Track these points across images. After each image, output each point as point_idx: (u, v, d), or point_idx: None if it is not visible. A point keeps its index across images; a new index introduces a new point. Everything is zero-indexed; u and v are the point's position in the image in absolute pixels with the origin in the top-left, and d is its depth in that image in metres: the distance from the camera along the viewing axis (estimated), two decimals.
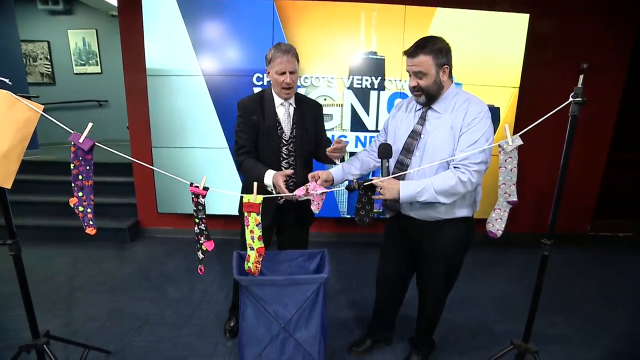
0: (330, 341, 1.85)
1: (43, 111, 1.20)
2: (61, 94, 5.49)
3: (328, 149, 1.58)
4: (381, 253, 1.79)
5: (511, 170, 1.30)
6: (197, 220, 1.33)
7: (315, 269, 1.81)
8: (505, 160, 1.29)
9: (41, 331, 1.40)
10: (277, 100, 1.69)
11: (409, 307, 1.90)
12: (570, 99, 1.19)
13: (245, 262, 1.42)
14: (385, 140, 1.61)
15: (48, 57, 5.54)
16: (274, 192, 1.60)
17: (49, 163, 3.92)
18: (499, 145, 1.27)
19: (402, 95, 2.94)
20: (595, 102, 3.07)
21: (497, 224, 1.38)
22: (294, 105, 1.71)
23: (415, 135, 1.45)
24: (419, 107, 1.48)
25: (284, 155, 1.73)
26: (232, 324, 2.00)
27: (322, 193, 1.50)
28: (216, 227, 3.30)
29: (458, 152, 1.34)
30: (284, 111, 1.70)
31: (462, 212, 1.46)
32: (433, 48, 1.33)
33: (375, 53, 2.89)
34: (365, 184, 1.46)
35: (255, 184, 1.29)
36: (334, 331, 2.02)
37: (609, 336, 2.09)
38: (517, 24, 2.86)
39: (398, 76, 2.92)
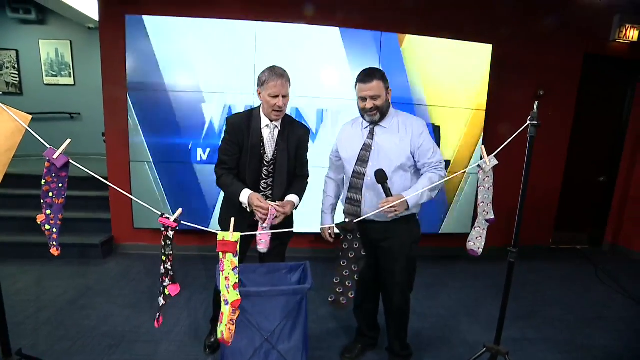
0: (311, 353, 1.87)
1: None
2: (29, 104, 5.25)
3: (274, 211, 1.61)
4: None
5: (488, 189, 1.43)
6: (163, 258, 1.19)
7: (297, 281, 1.84)
8: (484, 180, 1.42)
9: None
10: (264, 121, 1.73)
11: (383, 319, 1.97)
12: (528, 122, 1.36)
13: (218, 324, 1.22)
14: (337, 156, 1.83)
15: (16, 66, 5.34)
16: (248, 209, 1.66)
17: (11, 176, 3.71)
18: (478, 165, 1.41)
19: None
20: (552, 124, 3.41)
21: (477, 242, 1.50)
22: (279, 128, 1.76)
23: (367, 147, 1.70)
24: (366, 125, 1.73)
25: (263, 176, 1.78)
26: (212, 340, 1.98)
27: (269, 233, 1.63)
28: (195, 243, 3.26)
29: (427, 160, 1.66)
30: (269, 132, 1.74)
31: (416, 210, 1.73)
32: (380, 75, 1.64)
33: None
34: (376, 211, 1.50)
35: (232, 219, 1.18)
36: (314, 343, 2.04)
37: (568, 339, 2.26)
38: (482, 53, 3.14)
39: None
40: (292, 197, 1.75)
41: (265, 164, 1.77)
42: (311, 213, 2.08)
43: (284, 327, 1.63)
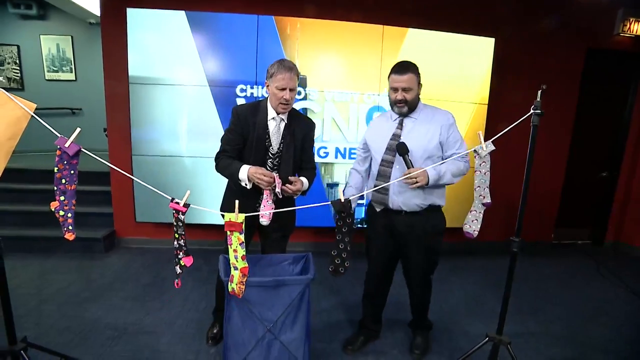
0: (313, 345, 1.87)
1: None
2: (31, 100, 5.15)
3: (282, 187, 1.66)
4: (368, 252, 1.94)
5: (485, 174, 1.44)
6: (176, 235, 1.32)
7: (299, 272, 1.84)
8: (480, 165, 1.43)
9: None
10: (270, 114, 1.73)
11: (391, 309, 1.97)
12: (531, 111, 1.36)
13: (229, 284, 1.40)
14: (364, 148, 1.90)
15: (17, 61, 5.34)
16: (248, 186, 1.67)
17: (12, 171, 3.72)
18: (474, 150, 1.41)
19: (379, 109, 3.10)
20: (554, 119, 3.39)
21: (473, 225, 1.52)
22: (286, 121, 1.76)
23: (396, 137, 1.75)
24: (395, 117, 1.79)
25: (268, 168, 1.78)
26: (214, 331, 1.98)
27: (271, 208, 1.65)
28: (196, 237, 3.26)
29: (455, 150, 1.70)
30: (275, 125, 1.74)
31: (441, 201, 1.80)
32: (415, 69, 1.69)
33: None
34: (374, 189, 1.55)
35: (237, 201, 1.24)
36: (316, 335, 2.05)
37: (570, 333, 2.27)
38: (484, 46, 3.13)
39: (376, 90, 3.09)
40: (302, 179, 1.75)
41: (271, 156, 1.77)
42: (313, 207, 2.08)
43: (287, 318, 1.63)
